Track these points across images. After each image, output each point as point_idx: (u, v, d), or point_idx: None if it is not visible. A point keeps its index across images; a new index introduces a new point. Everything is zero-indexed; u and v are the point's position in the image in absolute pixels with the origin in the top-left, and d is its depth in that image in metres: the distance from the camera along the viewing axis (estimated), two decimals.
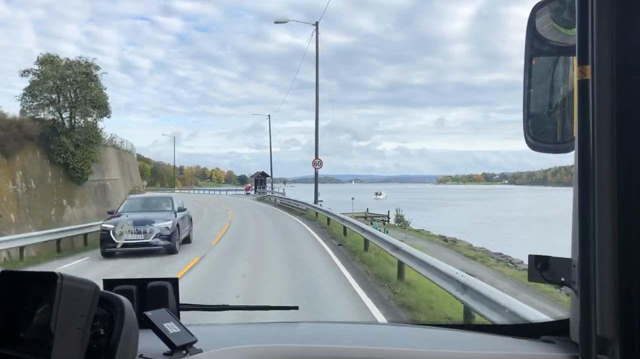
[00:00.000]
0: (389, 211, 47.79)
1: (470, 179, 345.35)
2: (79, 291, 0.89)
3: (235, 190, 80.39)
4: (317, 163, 29.41)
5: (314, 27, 29.36)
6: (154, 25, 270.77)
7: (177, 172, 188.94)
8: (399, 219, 40.08)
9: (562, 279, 1.10)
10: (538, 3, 1.21)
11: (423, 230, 33.71)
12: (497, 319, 5.10)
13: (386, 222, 39.15)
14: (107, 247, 13.81)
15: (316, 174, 29.49)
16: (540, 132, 1.24)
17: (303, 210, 28.49)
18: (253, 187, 68.52)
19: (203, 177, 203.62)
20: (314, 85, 29.66)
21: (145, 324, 1.04)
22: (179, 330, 1.07)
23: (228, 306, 1.53)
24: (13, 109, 25.30)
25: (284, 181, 61.71)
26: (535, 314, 4.48)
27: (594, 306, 1.01)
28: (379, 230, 17.36)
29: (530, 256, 1.16)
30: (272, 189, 57.13)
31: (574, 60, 1.05)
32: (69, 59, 25.14)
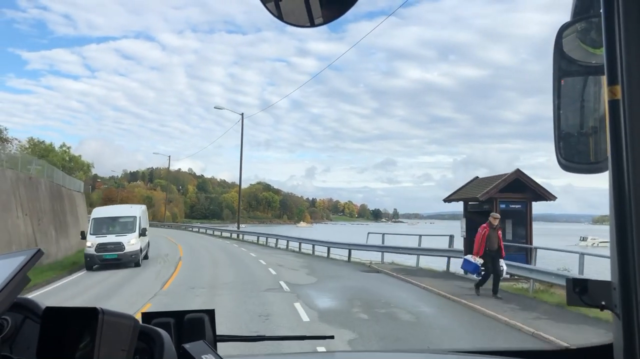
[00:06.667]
0: None
1: None
2: (119, 326, 0.92)
3: (410, 251, 20.48)
4: None
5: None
6: (291, 67, 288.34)
7: (309, 204, 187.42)
8: None
9: (603, 302, 1.06)
10: (565, 23, 1.21)
11: None
12: None
13: None
14: None
15: None
16: (572, 153, 1.22)
17: None
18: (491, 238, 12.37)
19: (335, 211, 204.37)
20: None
21: (184, 356, 1.04)
22: None
23: (264, 336, 1.54)
24: None
25: None
26: None
27: (638, 329, 0.97)
28: None
29: (568, 280, 1.13)
30: None
31: (604, 80, 1.04)
32: None
